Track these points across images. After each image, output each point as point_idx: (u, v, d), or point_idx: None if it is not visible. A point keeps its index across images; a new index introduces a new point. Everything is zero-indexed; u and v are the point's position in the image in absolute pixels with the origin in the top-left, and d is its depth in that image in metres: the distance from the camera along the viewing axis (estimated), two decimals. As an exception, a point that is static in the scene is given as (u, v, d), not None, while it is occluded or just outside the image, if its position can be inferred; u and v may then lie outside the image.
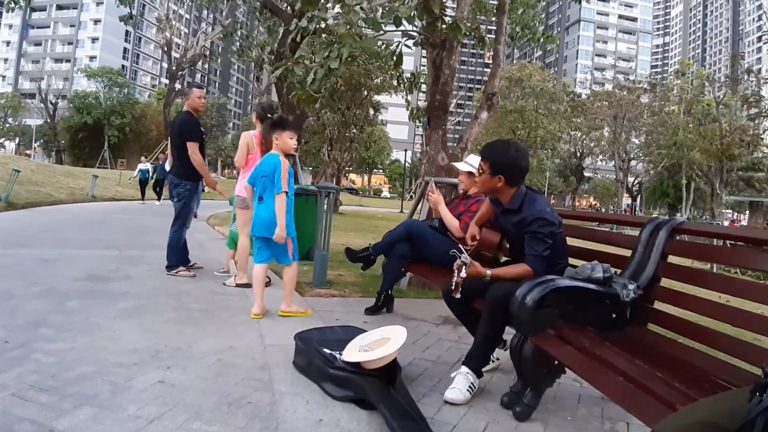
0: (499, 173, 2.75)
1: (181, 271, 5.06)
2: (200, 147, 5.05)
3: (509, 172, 2.75)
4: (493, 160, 2.76)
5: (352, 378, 2.44)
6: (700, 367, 2.09)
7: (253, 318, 3.71)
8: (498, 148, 2.81)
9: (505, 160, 2.75)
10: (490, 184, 2.80)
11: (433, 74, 5.51)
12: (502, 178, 2.75)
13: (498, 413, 2.49)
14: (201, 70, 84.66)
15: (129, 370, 2.58)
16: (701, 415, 1.36)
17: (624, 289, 2.52)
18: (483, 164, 2.81)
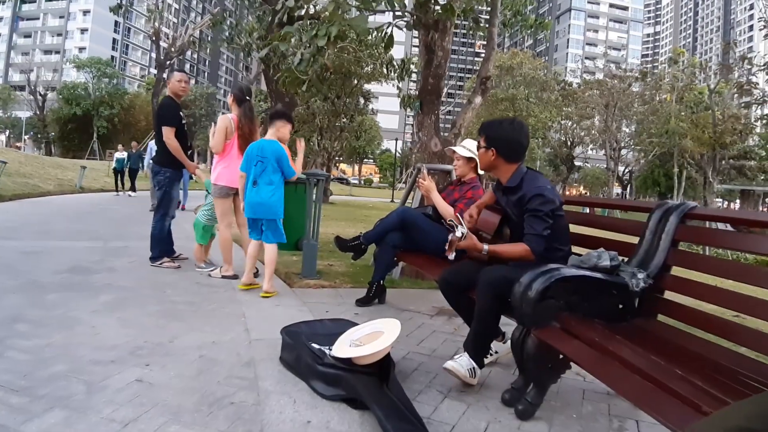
0: (491, 146, 2.68)
1: (165, 262, 4.88)
2: (179, 133, 4.86)
3: (502, 146, 2.67)
4: (488, 133, 2.72)
5: (343, 376, 2.28)
6: (720, 362, 1.94)
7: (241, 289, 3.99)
8: (493, 122, 2.79)
9: (498, 134, 2.69)
10: (485, 158, 2.74)
11: (425, 57, 5.32)
12: (494, 150, 2.68)
13: (499, 411, 2.34)
14: (190, 60, 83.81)
15: (106, 368, 2.40)
16: (737, 420, 1.22)
17: (633, 278, 2.37)
18: (480, 139, 2.76)
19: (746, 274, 2.23)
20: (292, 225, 6.74)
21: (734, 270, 2.31)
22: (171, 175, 4.90)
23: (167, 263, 4.87)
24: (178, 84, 4.97)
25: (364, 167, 73.32)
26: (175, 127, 4.81)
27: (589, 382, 2.81)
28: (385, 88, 26.02)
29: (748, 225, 2.30)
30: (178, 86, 4.97)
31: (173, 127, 4.79)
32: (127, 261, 4.94)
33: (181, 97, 5.06)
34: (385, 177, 68.13)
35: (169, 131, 4.77)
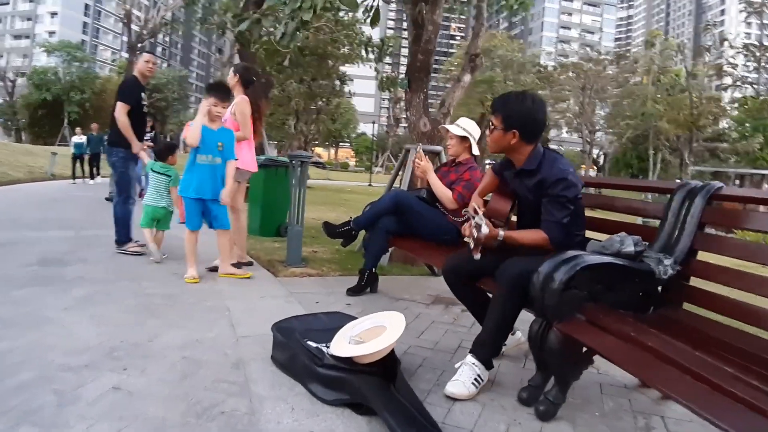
0: (513, 128, 2.38)
1: (131, 246, 4.61)
2: (136, 114, 4.60)
3: (525, 127, 2.38)
4: (507, 112, 2.39)
5: (346, 378, 2.04)
6: (764, 356, 1.76)
7: (189, 283, 3.70)
8: (512, 99, 2.44)
9: (520, 112, 2.38)
10: (503, 141, 2.42)
11: (413, 33, 5.04)
12: (516, 133, 2.38)
13: (517, 412, 2.14)
14: (162, 43, 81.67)
15: (78, 374, 2.11)
16: None
17: (659, 264, 2.17)
18: (494, 119, 2.44)
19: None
20: (272, 210, 6.48)
21: (760, 252, 2.15)
22: (124, 155, 4.63)
23: (133, 247, 4.61)
24: (145, 65, 4.74)
25: (340, 151, 72.58)
26: (131, 105, 4.56)
27: (603, 374, 2.64)
28: (360, 71, 25.61)
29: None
30: (146, 67, 4.73)
31: (128, 105, 4.54)
32: (100, 251, 4.60)
33: (148, 78, 4.82)
34: (361, 161, 67.64)
35: (123, 107, 4.52)
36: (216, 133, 3.84)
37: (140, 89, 4.70)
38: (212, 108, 3.78)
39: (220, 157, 3.84)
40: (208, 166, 3.80)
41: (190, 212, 3.86)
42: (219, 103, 3.81)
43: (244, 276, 3.95)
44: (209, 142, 3.79)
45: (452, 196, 3.52)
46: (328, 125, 33.16)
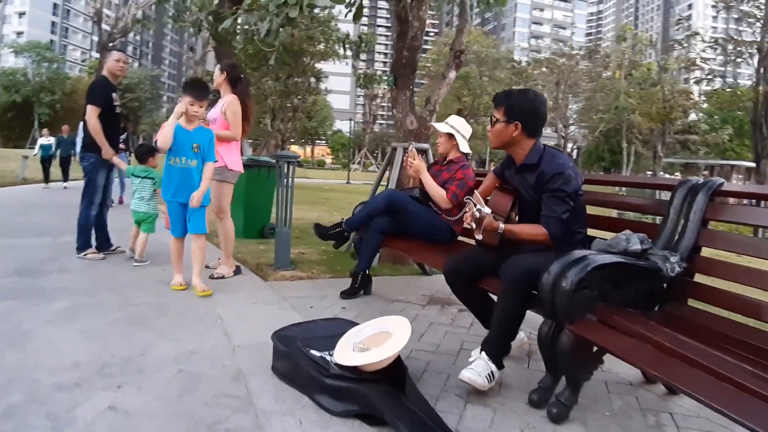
0: (515, 120, 2.40)
1: (89, 253, 4.47)
2: (108, 115, 4.44)
3: (528, 119, 2.39)
4: (509, 105, 2.41)
5: (355, 388, 1.97)
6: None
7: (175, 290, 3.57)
8: (514, 93, 2.48)
9: (522, 105, 2.40)
10: (505, 134, 2.43)
11: (398, 29, 4.97)
12: (518, 125, 2.41)
13: (529, 415, 2.10)
14: (133, 42, 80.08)
15: (71, 394, 2.00)
16: None
17: (666, 262, 2.15)
18: (496, 112, 2.45)
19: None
20: (255, 211, 6.35)
21: (762, 247, 2.15)
22: (96, 161, 4.47)
23: (91, 254, 4.47)
24: (115, 64, 4.56)
25: (316, 148, 72.11)
26: (102, 108, 4.39)
27: (607, 371, 2.62)
28: (334, 68, 25.45)
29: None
30: (116, 66, 4.56)
31: (99, 108, 4.38)
32: (80, 258, 4.42)
33: (119, 78, 4.65)
34: (337, 158, 67.32)
35: (93, 110, 4.36)
36: (191, 134, 3.60)
37: (111, 90, 4.53)
38: (188, 107, 3.53)
39: (196, 159, 3.60)
40: (180, 169, 3.56)
41: (173, 218, 3.66)
42: (195, 102, 3.56)
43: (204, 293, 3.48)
44: (183, 144, 3.55)
45: (446, 196, 3.48)
46: (305, 123, 32.85)
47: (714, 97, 31.23)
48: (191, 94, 3.55)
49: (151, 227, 4.57)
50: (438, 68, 29.17)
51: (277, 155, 4.63)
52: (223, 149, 3.98)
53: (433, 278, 4.53)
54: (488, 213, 2.25)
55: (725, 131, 32.96)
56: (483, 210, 2.23)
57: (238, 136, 4.09)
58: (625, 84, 32.98)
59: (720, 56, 21.68)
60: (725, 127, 33.49)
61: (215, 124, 3.99)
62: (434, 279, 4.49)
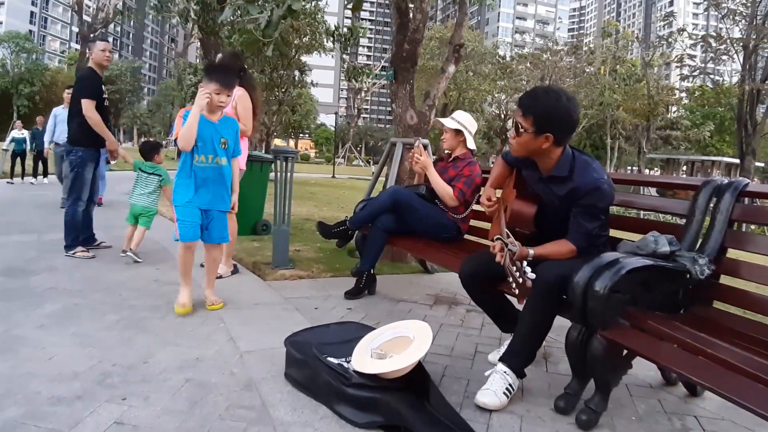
0: (546, 131, 2.12)
1: (78, 251, 4.31)
2: (99, 109, 4.29)
3: (560, 129, 2.14)
4: (539, 113, 2.11)
5: (380, 398, 1.87)
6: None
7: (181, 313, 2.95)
8: (543, 97, 2.14)
9: (554, 113, 2.11)
10: (534, 145, 2.17)
11: (398, 21, 4.85)
12: (550, 137, 2.13)
13: (557, 423, 2.02)
14: (113, 33, 78.54)
15: (72, 408, 1.86)
16: None
17: (695, 264, 2.09)
18: (523, 121, 2.15)
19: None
20: (248, 207, 6.19)
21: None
22: (84, 155, 4.34)
23: (80, 252, 4.31)
24: (101, 54, 4.40)
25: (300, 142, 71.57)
26: (96, 101, 4.26)
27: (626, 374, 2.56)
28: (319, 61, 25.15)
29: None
30: (102, 56, 4.40)
31: (94, 100, 4.24)
32: (69, 257, 4.25)
33: (105, 68, 4.52)
34: (321, 152, 66.91)
35: (90, 104, 4.21)
36: (217, 127, 3.03)
37: (100, 81, 4.39)
38: (214, 97, 2.92)
39: (224, 157, 3.06)
40: (212, 169, 3.00)
41: (187, 221, 2.96)
42: (222, 89, 2.95)
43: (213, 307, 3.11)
44: (209, 139, 2.98)
45: (453, 193, 3.39)
46: (289, 116, 32.50)
47: (698, 93, 31.65)
48: (218, 80, 2.94)
49: (149, 222, 4.43)
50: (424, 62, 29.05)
51: (274, 150, 4.50)
52: None
53: (435, 276, 4.45)
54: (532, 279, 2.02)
55: (707, 128, 33.48)
56: (525, 271, 2.01)
57: (251, 131, 3.98)
58: (610, 80, 33.25)
59: (704, 53, 21.95)
60: (707, 124, 34.02)
61: None
62: (437, 277, 4.41)
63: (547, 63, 35.52)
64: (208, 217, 3.04)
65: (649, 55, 30.76)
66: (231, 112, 3.78)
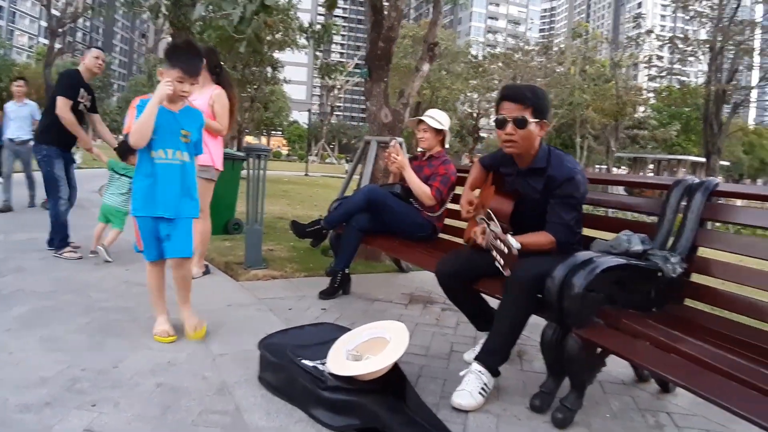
0: (544, 118, 2.27)
1: (66, 252, 4.20)
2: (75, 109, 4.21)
3: (548, 116, 2.30)
4: (536, 102, 2.23)
5: (356, 401, 1.85)
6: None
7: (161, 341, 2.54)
8: (531, 89, 2.28)
9: (545, 100, 2.28)
10: (533, 136, 2.27)
11: (372, 19, 4.83)
12: (546, 123, 2.29)
13: (533, 421, 2.03)
14: (83, 28, 76.58)
15: (40, 415, 1.79)
16: None
17: (667, 263, 2.12)
18: (525, 113, 2.22)
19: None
20: (219, 206, 6.08)
21: (762, 247, 2.14)
22: (48, 152, 4.25)
23: (68, 253, 4.19)
24: (94, 61, 4.32)
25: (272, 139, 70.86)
26: (72, 100, 4.16)
27: (599, 372, 2.59)
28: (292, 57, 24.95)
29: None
30: (94, 63, 4.32)
31: (70, 100, 4.14)
32: (37, 257, 4.11)
33: (94, 75, 4.41)
34: (294, 149, 66.37)
35: (65, 103, 4.12)
36: (178, 117, 2.55)
37: (81, 85, 4.28)
38: (177, 85, 2.45)
39: (187, 152, 2.58)
40: (174, 166, 2.53)
41: (146, 236, 2.57)
42: (186, 78, 2.47)
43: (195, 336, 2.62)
44: (168, 131, 2.49)
45: (431, 193, 3.38)
46: (261, 113, 32.17)
47: (665, 93, 32.44)
48: (181, 67, 2.46)
49: (122, 223, 4.32)
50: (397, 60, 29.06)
51: (246, 148, 4.43)
52: (213, 144, 3.77)
53: (410, 275, 4.44)
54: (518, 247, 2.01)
55: (673, 127, 34.39)
56: (510, 243, 1.99)
57: (226, 131, 3.87)
58: (580, 80, 33.82)
59: (671, 54, 22.51)
60: (673, 123, 34.93)
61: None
62: (411, 276, 4.41)
63: (518, 63, 35.89)
64: (171, 225, 2.54)
65: (618, 56, 31.39)
66: (208, 111, 3.69)
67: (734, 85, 19.01)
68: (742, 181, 62.04)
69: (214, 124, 3.74)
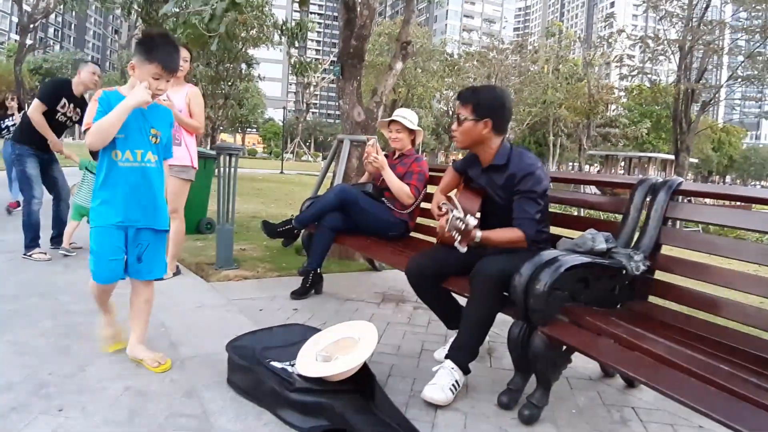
0: (485, 117, 2.33)
1: (35, 252, 4.14)
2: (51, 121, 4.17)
3: (497, 116, 2.34)
4: (477, 101, 2.34)
5: (324, 402, 1.85)
6: (748, 350, 1.79)
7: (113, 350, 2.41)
8: (479, 88, 2.42)
9: (492, 100, 2.35)
10: (474, 132, 2.36)
11: (345, 17, 4.81)
12: (489, 122, 2.34)
13: (500, 418, 2.06)
14: (54, 24, 74.47)
15: (6, 420, 1.76)
16: None
17: (630, 261, 2.17)
18: (463, 110, 2.37)
19: (735, 249, 2.15)
20: (191, 205, 6.00)
21: (723, 246, 2.21)
22: (21, 152, 4.24)
23: (37, 254, 4.13)
24: (91, 76, 4.27)
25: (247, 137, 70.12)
26: (48, 108, 4.13)
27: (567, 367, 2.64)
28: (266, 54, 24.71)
29: (736, 200, 2.23)
30: (91, 79, 4.27)
31: (44, 104, 4.11)
32: (3, 259, 4.01)
33: (86, 89, 4.35)
34: (269, 147, 65.84)
35: (39, 106, 4.09)
36: (147, 114, 2.26)
37: (65, 95, 4.23)
38: (152, 83, 2.16)
39: (156, 155, 2.29)
40: (142, 170, 2.23)
41: (106, 251, 2.19)
42: (164, 74, 2.18)
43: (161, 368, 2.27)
44: (138, 129, 2.22)
45: (410, 191, 3.41)
46: (236, 111, 31.78)
47: (635, 92, 33.09)
48: (160, 62, 2.16)
49: None
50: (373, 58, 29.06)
51: (217, 147, 4.39)
52: (191, 143, 3.80)
53: (383, 274, 4.45)
54: (474, 224, 2.08)
55: (644, 125, 35.09)
56: (468, 221, 2.06)
57: (202, 129, 3.89)
58: (553, 78, 34.29)
59: (643, 53, 22.96)
60: (644, 121, 35.65)
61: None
62: (384, 275, 4.41)
63: (493, 61, 36.19)
64: (139, 241, 2.26)
65: (591, 55, 31.89)
66: (185, 109, 3.67)
67: (703, 84, 19.47)
68: (711, 178, 63.69)
69: (193, 122, 3.74)
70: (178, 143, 3.76)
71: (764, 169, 66.15)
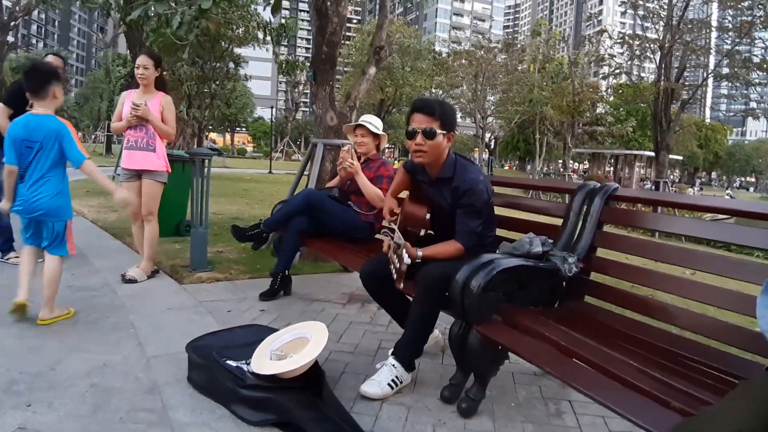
0: (450, 130, 2.42)
1: (12, 257, 4.22)
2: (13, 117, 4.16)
3: (454, 128, 2.45)
4: (443, 113, 2.38)
5: (272, 398, 2.00)
6: (665, 347, 1.95)
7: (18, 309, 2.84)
8: (438, 102, 2.46)
9: (452, 113, 2.46)
10: (442, 147, 2.43)
11: (317, 23, 4.94)
12: (452, 135, 2.43)
13: (441, 411, 2.21)
14: (37, 21, 73.64)
15: (-26, 415, 1.89)
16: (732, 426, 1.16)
17: (564, 263, 2.33)
18: (434, 124, 2.36)
19: (659, 251, 2.34)
20: (170, 207, 6.11)
21: (661, 251, 2.39)
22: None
23: (14, 258, 4.18)
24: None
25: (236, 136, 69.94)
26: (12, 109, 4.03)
27: (514, 363, 2.77)
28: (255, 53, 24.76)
29: (671, 207, 2.39)
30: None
31: (8, 108, 4.04)
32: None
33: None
34: (258, 146, 65.67)
35: (4, 110, 4.02)
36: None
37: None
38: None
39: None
40: None
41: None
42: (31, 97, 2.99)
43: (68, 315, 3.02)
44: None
45: (383, 195, 3.53)
46: (223, 110, 31.79)
47: (619, 91, 33.45)
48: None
49: None
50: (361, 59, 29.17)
51: (191, 152, 4.51)
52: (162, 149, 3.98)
53: (353, 275, 4.56)
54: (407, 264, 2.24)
55: (629, 123, 35.54)
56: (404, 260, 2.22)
57: (174, 136, 4.06)
58: (539, 77, 34.60)
59: (624, 53, 23.23)
60: (629, 120, 36.11)
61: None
62: (354, 276, 4.50)
63: (481, 60, 36.40)
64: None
65: (576, 54, 32.21)
66: (158, 116, 3.83)
67: (683, 83, 19.77)
68: (697, 174, 64.29)
69: (166, 128, 3.91)
70: (152, 149, 3.90)
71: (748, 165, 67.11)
